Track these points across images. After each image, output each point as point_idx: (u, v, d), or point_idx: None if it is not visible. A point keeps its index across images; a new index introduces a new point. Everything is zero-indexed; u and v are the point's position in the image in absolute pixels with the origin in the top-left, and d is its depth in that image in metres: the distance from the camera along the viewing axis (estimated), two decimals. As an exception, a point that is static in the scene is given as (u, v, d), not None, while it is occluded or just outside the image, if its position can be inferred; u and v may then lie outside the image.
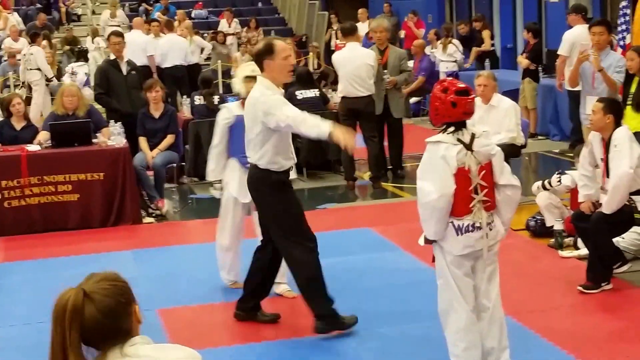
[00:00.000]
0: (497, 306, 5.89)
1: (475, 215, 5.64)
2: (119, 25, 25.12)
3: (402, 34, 22.57)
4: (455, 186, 5.56)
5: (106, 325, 3.15)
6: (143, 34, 18.84)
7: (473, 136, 5.68)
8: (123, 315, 3.21)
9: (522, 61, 15.63)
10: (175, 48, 18.62)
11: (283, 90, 6.96)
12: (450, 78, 6.25)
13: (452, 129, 5.69)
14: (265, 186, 6.80)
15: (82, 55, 20.76)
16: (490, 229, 5.71)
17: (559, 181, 9.05)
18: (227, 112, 8.06)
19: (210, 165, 8.11)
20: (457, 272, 5.74)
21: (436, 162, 5.62)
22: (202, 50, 21.53)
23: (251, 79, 7.69)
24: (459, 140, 5.64)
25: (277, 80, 6.76)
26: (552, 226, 9.15)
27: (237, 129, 7.81)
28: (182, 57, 18.53)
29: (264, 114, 6.57)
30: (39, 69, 18.99)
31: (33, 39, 20.83)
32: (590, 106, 10.02)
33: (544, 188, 9.18)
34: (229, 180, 8.03)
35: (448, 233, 5.67)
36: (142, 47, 18.02)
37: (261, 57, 6.73)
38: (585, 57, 10.30)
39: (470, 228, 5.65)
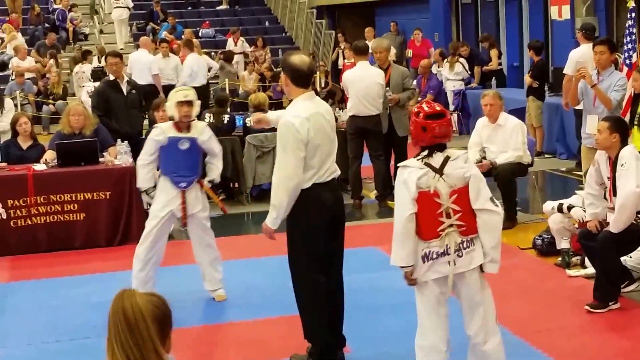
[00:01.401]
0: (487, 340, 5.80)
1: (444, 240, 5.62)
2: (126, 7, 26.00)
3: (410, 52, 22.52)
4: (414, 210, 5.57)
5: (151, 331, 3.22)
6: (149, 53, 19.03)
7: (447, 159, 5.66)
8: (165, 332, 3.27)
9: (527, 79, 15.66)
10: (202, 67, 19.24)
11: None
12: (426, 99, 6.25)
13: (425, 152, 5.70)
14: None
15: (103, 74, 20.80)
16: (460, 256, 5.66)
17: (568, 209, 9.00)
18: (160, 133, 8.19)
19: (141, 174, 8.26)
20: (430, 298, 5.76)
21: (398, 187, 5.69)
22: (209, 69, 21.62)
23: (183, 103, 7.98)
24: (426, 164, 5.65)
25: None
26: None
27: (168, 149, 8.12)
28: (204, 77, 18.96)
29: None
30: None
31: (85, 56, 21.06)
32: (590, 125, 10.01)
33: (559, 211, 9.11)
34: (167, 200, 8.19)
35: (417, 261, 5.69)
36: (148, 66, 18.20)
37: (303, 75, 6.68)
38: (582, 76, 10.25)
39: (435, 255, 5.64)
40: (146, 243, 8.22)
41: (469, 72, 19.28)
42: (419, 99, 15.88)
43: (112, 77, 12.43)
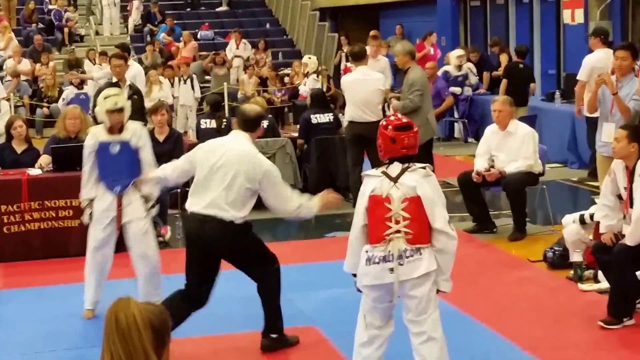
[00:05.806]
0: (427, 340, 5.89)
1: (387, 246, 5.75)
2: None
3: (418, 55, 21.88)
4: (363, 223, 5.88)
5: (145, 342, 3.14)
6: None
7: (405, 169, 5.85)
8: (161, 342, 3.18)
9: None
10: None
11: None
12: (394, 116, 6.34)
13: (386, 163, 5.98)
14: (247, 237, 7.06)
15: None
16: (401, 264, 5.72)
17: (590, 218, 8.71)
18: (91, 137, 8.09)
19: (82, 183, 8.16)
20: (366, 299, 5.98)
21: (359, 197, 6.01)
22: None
23: (113, 112, 7.87)
24: (383, 172, 5.88)
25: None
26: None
27: (100, 153, 8.00)
28: None
29: (264, 177, 6.87)
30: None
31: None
32: (607, 133, 9.75)
33: (582, 222, 8.79)
34: (107, 206, 8.06)
35: (360, 262, 5.90)
36: None
37: (258, 121, 7.16)
38: (602, 81, 9.98)
39: (377, 260, 5.76)
40: (89, 253, 8.16)
41: (477, 76, 18.90)
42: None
43: (114, 79, 12.24)
